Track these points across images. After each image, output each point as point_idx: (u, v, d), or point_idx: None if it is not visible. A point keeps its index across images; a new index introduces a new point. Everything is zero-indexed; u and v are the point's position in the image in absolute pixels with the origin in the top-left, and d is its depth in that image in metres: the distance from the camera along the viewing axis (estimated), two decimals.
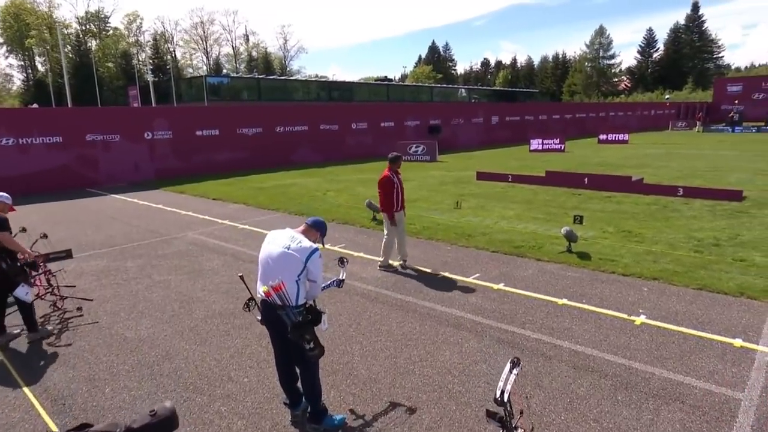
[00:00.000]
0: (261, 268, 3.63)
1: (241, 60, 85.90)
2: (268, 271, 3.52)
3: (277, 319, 3.44)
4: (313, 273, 3.46)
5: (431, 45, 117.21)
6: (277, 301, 3.33)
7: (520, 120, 36.72)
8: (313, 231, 3.73)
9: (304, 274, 3.45)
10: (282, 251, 3.46)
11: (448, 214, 11.05)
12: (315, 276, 3.48)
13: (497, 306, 5.88)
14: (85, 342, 5.23)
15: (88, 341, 5.25)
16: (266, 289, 3.41)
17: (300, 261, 3.40)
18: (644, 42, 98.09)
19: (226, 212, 12.17)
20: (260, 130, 22.03)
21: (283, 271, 3.41)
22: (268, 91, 44.25)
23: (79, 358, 4.88)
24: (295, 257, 3.42)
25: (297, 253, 3.42)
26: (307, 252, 3.44)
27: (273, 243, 3.58)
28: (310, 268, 3.43)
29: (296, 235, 3.57)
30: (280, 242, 3.52)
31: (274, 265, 3.48)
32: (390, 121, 27.62)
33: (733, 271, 6.77)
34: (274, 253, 3.51)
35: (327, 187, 15.63)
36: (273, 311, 3.46)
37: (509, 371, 2.63)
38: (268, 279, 3.43)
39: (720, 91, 63.56)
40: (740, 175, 15.76)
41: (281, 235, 3.62)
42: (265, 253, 3.59)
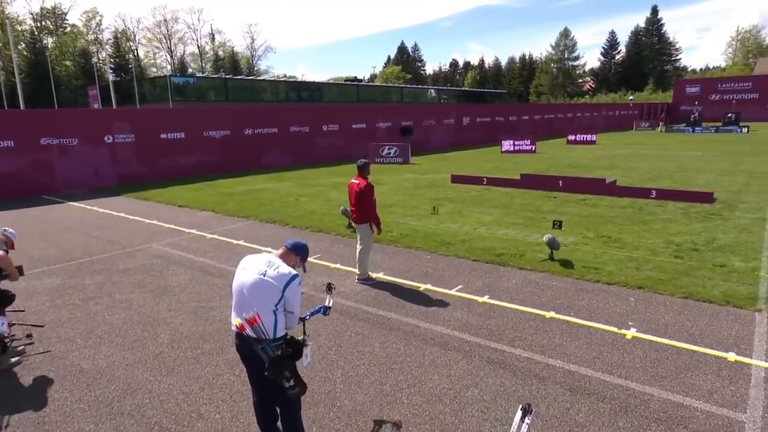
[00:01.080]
0: (235, 298, 3.26)
1: (207, 59, 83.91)
2: (242, 302, 3.17)
3: (253, 355, 3.12)
4: (291, 303, 3.12)
5: (400, 45, 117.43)
6: (252, 335, 3.00)
7: (490, 121, 36.93)
8: (292, 255, 3.35)
9: (282, 304, 3.10)
10: (257, 278, 3.11)
11: (426, 220, 10.79)
12: (293, 306, 3.14)
13: (484, 321, 5.63)
14: (34, 376, 4.71)
15: (38, 375, 4.72)
16: (239, 322, 3.07)
17: (277, 289, 3.06)
18: (607, 44, 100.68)
19: (193, 220, 11.59)
20: (228, 132, 21.33)
21: (258, 300, 3.08)
22: (236, 91, 43.24)
23: (25, 396, 4.36)
24: (271, 285, 3.07)
25: (274, 281, 3.08)
26: (285, 279, 3.09)
27: (247, 269, 3.21)
28: (287, 297, 3.09)
29: (273, 260, 3.21)
30: (255, 268, 3.17)
31: (248, 295, 3.13)
32: (361, 123, 27.27)
33: (715, 278, 6.72)
34: (248, 281, 3.15)
35: (299, 192, 15.17)
36: (248, 346, 3.11)
37: (521, 420, 2.34)
38: (243, 310, 3.10)
39: (679, 92, 65.78)
40: (707, 176, 16.09)
41: (257, 260, 3.24)
42: (239, 281, 3.23)
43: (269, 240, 9.53)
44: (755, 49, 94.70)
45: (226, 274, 7.53)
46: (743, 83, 62.57)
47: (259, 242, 9.39)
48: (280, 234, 10.00)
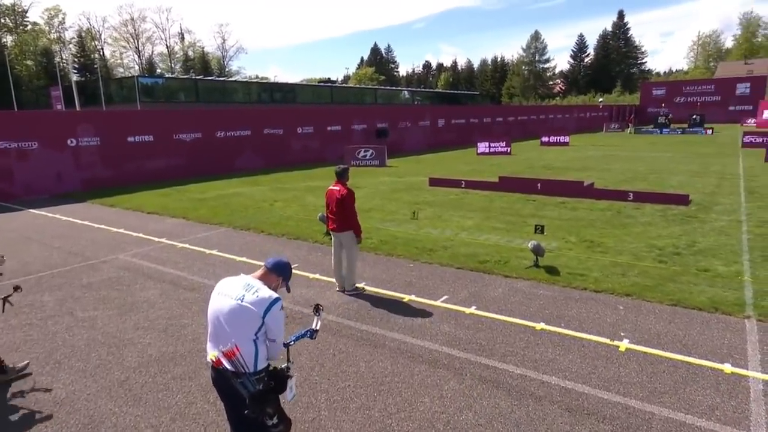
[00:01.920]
0: (210, 327, 2.90)
1: (176, 59, 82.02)
2: (219, 332, 2.82)
3: (231, 390, 2.77)
4: (273, 330, 2.79)
5: (373, 47, 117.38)
6: (230, 369, 2.66)
7: (465, 122, 37.02)
8: (273, 276, 2.99)
9: (263, 332, 2.77)
10: (234, 305, 2.76)
11: (406, 225, 10.54)
12: (275, 334, 2.81)
13: (472, 335, 5.39)
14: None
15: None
16: (215, 355, 2.73)
17: (257, 316, 2.72)
18: (576, 47, 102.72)
19: (163, 228, 11.06)
20: (199, 135, 20.68)
21: (236, 329, 2.74)
22: (207, 92, 42.25)
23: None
24: (250, 311, 2.73)
25: (253, 306, 2.73)
26: (265, 304, 2.75)
27: (223, 294, 2.84)
28: (268, 324, 2.76)
29: (252, 283, 2.86)
30: (231, 293, 2.81)
31: (226, 324, 2.78)
32: (336, 125, 26.90)
33: (701, 283, 6.67)
34: (224, 307, 2.80)
35: (274, 196, 14.73)
36: (226, 380, 2.75)
37: None
38: (219, 341, 2.74)
39: (646, 94, 67.59)
40: (680, 178, 16.33)
41: (234, 283, 2.88)
42: (214, 308, 2.87)
43: (244, 248, 9.13)
44: (715, 54, 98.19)
45: (199, 287, 7.12)
46: (706, 86, 64.67)
47: (234, 251, 8.97)
48: (256, 242, 9.60)
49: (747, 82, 61.42)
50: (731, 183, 15.16)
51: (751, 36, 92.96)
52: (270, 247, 9.18)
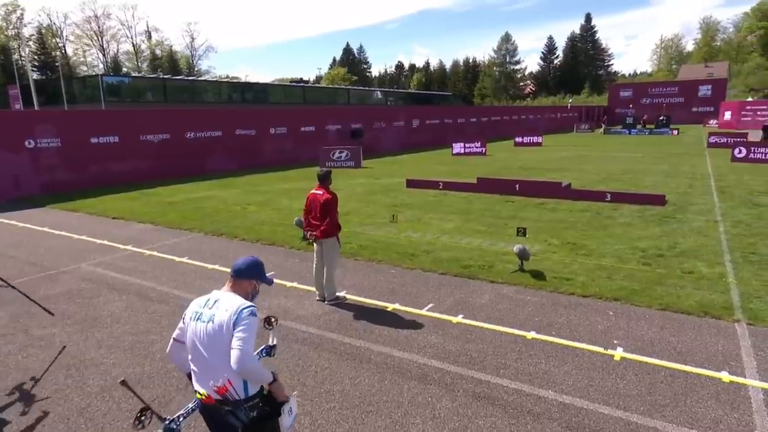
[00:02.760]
0: (191, 355, 2.61)
1: (143, 58, 79.81)
2: (202, 363, 2.55)
3: (223, 422, 2.54)
4: (238, 337, 2.43)
5: (345, 47, 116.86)
6: (223, 402, 2.44)
7: (439, 123, 37.00)
8: (243, 282, 2.70)
9: None
10: (208, 328, 2.51)
11: (385, 228, 10.25)
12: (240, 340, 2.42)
13: (462, 346, 5.14)
14: None
15: None
16: (206, 394, 2.47)
17: (230, 332, 2.45)
18: (546, 49, 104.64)
19: (129, 235, 10.48)
20: (168, 136, 19.94)
21: (215, 354, 2.48)
22: (175, 92, 41.05)
23: None
24: (222, 329, 2.47)
25: (224, 323, 2.47)
26: (233, 316, 2.47)
27: (198, 319, 2.57)
28: (235, 333, 2.45)
29: (220, 297, 2.60)
30: (203, 316, 2.55)
31: (205, 350, 2.51)
32: (310, 126, 26.41)
33: (687, 286, 6.59)
34: (201, 334, 2.52)
35: (247, 199, 14.23)
36: (216, 413, 2.52)
37: None
38: (209, 376, 2.48)
39: (614, 96, 69.15)
40: (653, 178, 16.54)
41: (206, 304, 2.61)
42: (191, 333, 2.58)
43: (217, 255, 8.67)
44: (677, 56, 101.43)
45: (169, 299, 6.67)
46: (670, 88, 66.59)
47: (206, 258, 8.52)
48: (229, 248, 9.15)
49: (708, 85, 63.49)
50: (702, 183, 15.42)
51: (710, 40, 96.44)
52: (244, 253, 8.65)
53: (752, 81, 76.61)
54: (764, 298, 6.14)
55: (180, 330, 2.68)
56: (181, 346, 2.67)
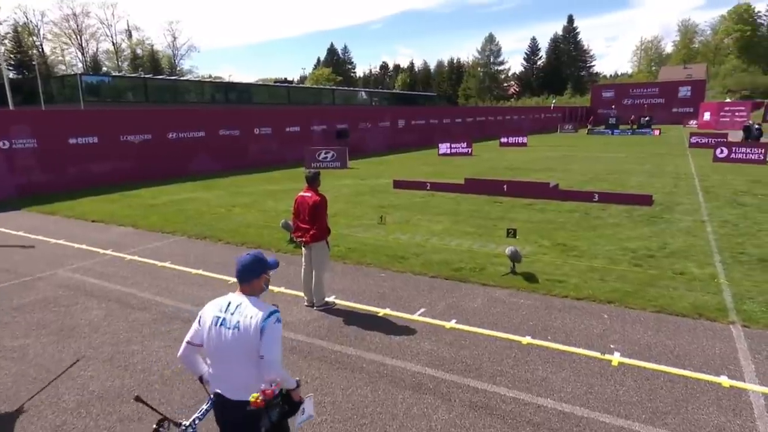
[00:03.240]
0: (212, 359, 2.65)
1: (123, 58, 78.44)
2: (225, 368, 2.59)
3: (244, 420, 2.53)
4: (264, 345, 2.50)
5: (330, 47, 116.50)
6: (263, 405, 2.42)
7: (425, 123, 36.93)
8: (253, 281, 2.67)
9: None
10: (238, 335, 2.53)
11: (373, 230, 10.08)
12: (265, 350, 2.49)
13: (456, 353, 5.00)
14: None
15: None
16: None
17: (257, 338, 2.50)
18: (529, 50, 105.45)
19: (109, 238, 10.14)
20: (149, 136, 19.48)
21: (247, 361, 2.52)
22: (157, 92, 40.35)
23: None
24: (249, 335, 2.51)
25: (251, 329, 2.51)
26: (261, 322, 2.51)
27: (222, 325, 2.57)
28: (263, 340, 2.50)
29: (242, 303, 2.61)
30: (229, 321, 2.57)
31: (232, 357, 2.55)
32: (295, 126, 26.10)
33: (679, 287, 6.54)
34: (226, 339, 2.55)
35: (231, 201, 13.93)
36: (240, 411, 2.50)
37: None
38: (231, 378, 2.56)
39: (597, 96, 69.92)
40: (638, 178, 16.64)
41: (227, 309, 2.61)
42: (215, 339, 2.59)
43: (200, 259, 8.41)
44: (657, 58, 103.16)
45: (150, 306, 6.41)
46: (651, 89, 67.58)
47: (189, 263, 8.25)
48: (213, 252, 8.89)
49: (688, 86, 64.57)
50: (687, 183, 15.55)
51: (689, 42, 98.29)
52: (229, 258, 8.50)
53: (729, 82, 78.23)
54: (756, 299, 6.12)
55: (195, 332, 2.68)
56: (195, 349, 2.70)
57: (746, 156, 20.48)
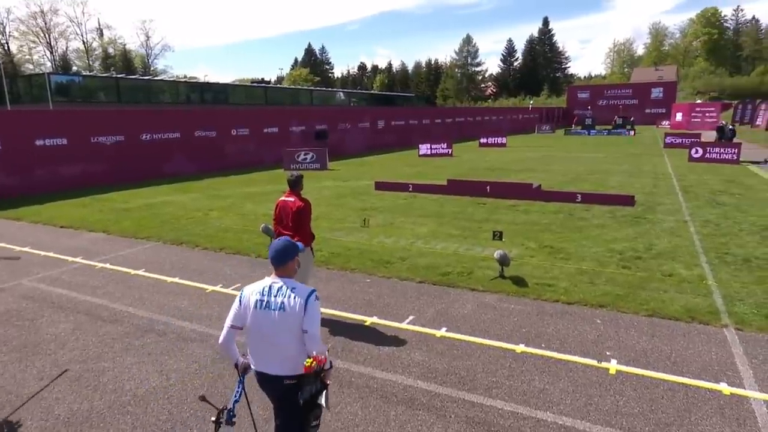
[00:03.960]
0: (255, 339, 2.88)
1: (95, 57, 76.43)
2: (271, 345, 2.83)
3: (284, 393, 2.86)
4: (307, 321, 2.78)
5: (307, 47, 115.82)
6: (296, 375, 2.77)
7: (405, 124, 36.81)
8: (288, 264, 2.92)
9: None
10: (283, 315, 2.78)
11: (357, 234, 9.83)
12: (308, 325, 2.78)
13: (449, 363, 4.78)
14: None
15: None
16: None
17: (300, 315, 2.77)
18: (506, 51, 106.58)
19: (79, 245, 9.65)
20: (122, 137, 18.85)
21: (292, 337, 2.79)
22: (130, 92, 39.33)
23: None
24: (294, 314, 2.78)
25: (295, 308, 2.78)
26: (303, 302, 2.79)
27: (267, 308, 2.81)
28: (306, 317, 2.78)
29: (283, 285, 2.86)
30: (274, 303, 2.81)
31: (278, 334, 2.80)
32: (273, 127, 25.65)
33: (669, 290, 6.47)
34: (272, 319, 2.79)
35: (209, 204, 13.50)
36: (280, 385, 2.85)
37: None
38: (277, 353, 2.82)
39: (572, 97, 70.98)
40: (618, 178, 16.76)
41: (268, 292, 2.84)
42: (260, 320, 2.82)
43: (177, 266, 8.04)
44: (629, 60, 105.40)
45: (122, 318, 6.03)
46: (625, 90, 69.00)
47: (164, 270, 7.87)
48: (190, 258, 8.52)
49: (660, 87, 66.07)
50: (666, 183, 15.71)
51: (659, 44, 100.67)
52: (207, 264, 8.15)
53: (698, 84, 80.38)
54: (746, 300, 6.07)
55: (236, 316, 2.88)
56: (235, 333, 2.90)
57: (720, 156, 20.87)
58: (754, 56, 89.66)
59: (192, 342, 5.36)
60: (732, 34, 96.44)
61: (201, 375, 4.67)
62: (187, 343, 5.35)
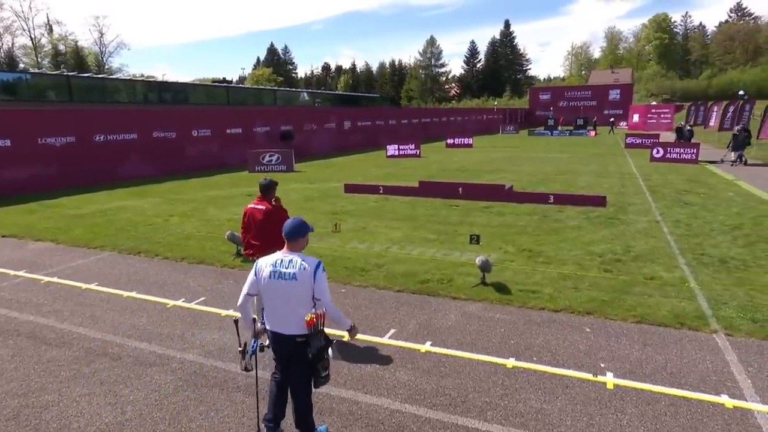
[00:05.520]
0: (271, 304, 3.30)
1: (44, 54, 72.75)
2: (283, 310, 3.25)
3: (295, 350, 3.28)
4: (318, 290, 3.23)
5: (270, 47, 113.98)
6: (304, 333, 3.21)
7: (371, 125, 36.43)
8: (299, 239, 3.33)
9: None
10: (294, 285, 3.19)
11: (328, 239, 9.38)
12: (320, 293, 3.24)
13: (437, 383, 4.43)
14: None
15: None
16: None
17: (309, 284, 3.20)
18: (469, 53, 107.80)
19: (23, 257, 8.82)
20: (72, 138, 17.68)
21: (302, 303, 3.21)
22: (83, 91, 37.32)
23: None
24: (304, 283, 3.19)
25: (304, 277, 3.19)
26: (312, 272, 3.21)
27: (281, 278, 3.20)
28: (316, 286, 3.22)
29: (293, 258, 3.25)
30: (286, 274, 3.20)
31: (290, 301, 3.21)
32: (237, 128, 24.77)
33: (654, 294, 6.33)
34: (285, 287, 3.20)
35: (169, 209, 12.74)
36: (292, 343, 3.26)
37: None
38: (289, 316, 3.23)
39: (534, 98, 72.36)
40: (587, 179, 16.89)
41: (281, 264, 3.23)
42: (275, 288, 3.23)
43: (134, 279, 7.38)
44: (586, 62, 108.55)
45: (71, 341, 5.40)
46: (584, 92, 70.82)
47: (120, 284, 7.21)
48: (149, 269, 7.86)
49: (618, 89, 68.13)
50: (633, 182, 15.91)
51: (614, 48, 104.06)
52: (168, 276, 7.54)
53: (651, 86, 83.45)
54: (730, 304, 5.99)
55: (251, 284, 3.31)
56: (250, 299, 3.38)
57: (680, 156, 21.43)
58: (702, 60, 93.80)
59: (151, 366, 4.82)
60: (681, 39, 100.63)
61: (162, 407, 4.14)
62: (145, 368, 4.80)
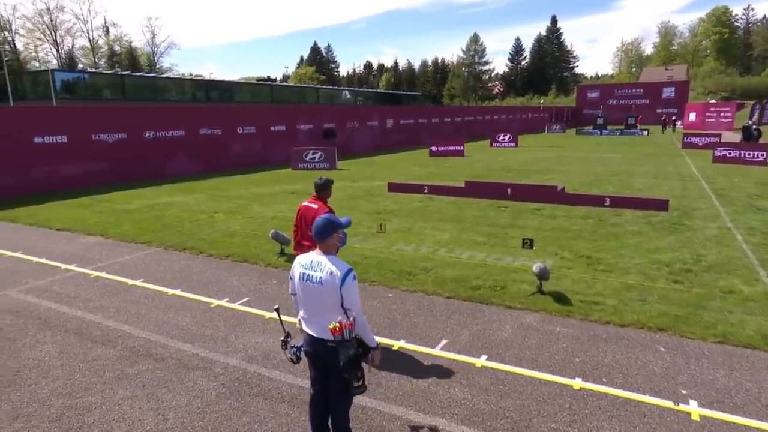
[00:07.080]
0: (303, 306, 3.14)
1: (100, 54, 75.97)
2: (312, 313, 3.07)
3: (326, 354, 3.01)
4: (347, 300, 2.95)
5: (313, 46, 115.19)
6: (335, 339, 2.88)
7: (413, 123, 36.05)
8: (328, 240, 3.06)
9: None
10: (317, 288, 2.98)
11: (373, 240, 9.10)
12: (349, 303, 2.96)
13: (496, 403, 4.04)
14: None
15: None
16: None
17: (336, 291, 2.92)
18: (513, 50, 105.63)
19: (74, 251, 8.97)
20: (124, 135, 18.17)
21: (328, 309, 2.97)
22: (135, 89, 38.78)
23: None
24: (330, 289, 2.93)
25: (331, 284, 2.93)
26: (339, 279, 2.92)
27: (309, 280, 3.02)
28: (343, 295, 2.93)
29: (322, 261, 3.01)
30: (314, 277, 2.99)
31: (317, 305, 3.03)
32: (280, 125, 24.95)
33: (735, 311, 5.70)
34: (312, 291, 3.02)
35: (214, 206, 12.80)
36: (325, 349, 3.00)
37: None
38: (316, 320, 3.04)
39: (582, 96, 69.94)
40: (643, 180, 15.94)
41: (311, 266, 3.03)
42: (303, 290, 3.08)
43: (179, 276, 7.33)
44: (637, 59, 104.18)
45: (116, 339, 5.32)
46: (636, 89, 67.83)
47: (165, 281, 7.16)
48: (193, 267, 7.80)
49: (672, 87, 64.94)
50: (695, 185, 14.88)
51: (668, 44, 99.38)
52: (212, 274, 7.44)
53: (709, 83, 79.11)
54: None
55: (291, 285, 3.21)
56: (295, 298, 3.24)
57: (747, 157, 19.98)
58: (765, 56, 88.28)
59: (194, 370, 4.65)
60: (742, 33, 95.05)
61: (204, 415, 3.95)
62: (188, 371, 4.63)
